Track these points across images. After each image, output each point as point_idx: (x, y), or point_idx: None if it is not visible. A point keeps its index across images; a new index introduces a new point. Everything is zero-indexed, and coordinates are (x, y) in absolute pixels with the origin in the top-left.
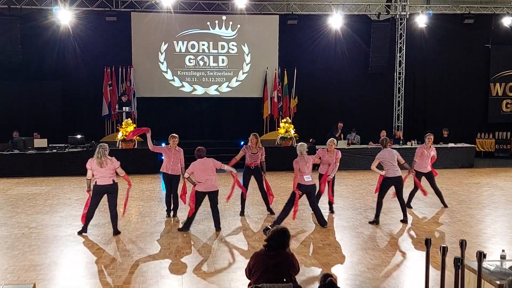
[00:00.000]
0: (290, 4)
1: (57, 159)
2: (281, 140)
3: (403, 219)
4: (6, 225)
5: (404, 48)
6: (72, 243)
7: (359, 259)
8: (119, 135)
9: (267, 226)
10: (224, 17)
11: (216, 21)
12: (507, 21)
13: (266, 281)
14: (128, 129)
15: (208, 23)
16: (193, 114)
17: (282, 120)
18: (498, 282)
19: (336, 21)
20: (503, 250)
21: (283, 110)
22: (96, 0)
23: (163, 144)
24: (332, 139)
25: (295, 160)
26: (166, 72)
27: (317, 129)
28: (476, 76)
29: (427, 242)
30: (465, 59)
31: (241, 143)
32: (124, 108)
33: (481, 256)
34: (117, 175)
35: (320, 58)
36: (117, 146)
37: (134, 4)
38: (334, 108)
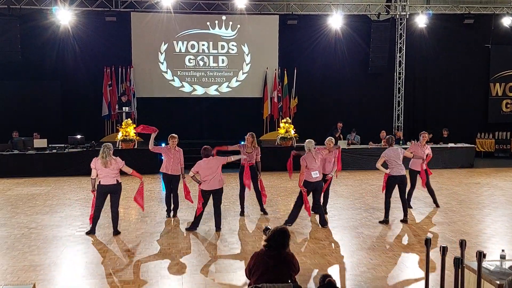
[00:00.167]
0: (290, 4)
1: (57, 159)
2: (281, 140)
3: (403, 219)
4: (6, 226)
5: (404, 48)
6: (72, 244)
7: (359, 259)
8: (119, 135)
9: (267, 226)
10: (224, 17)
11: (216, 21)
12: (507, 21)
13: (266, 281)
14: (128, 129)
15: (208, 23)
16: (193, 114)
17: (282, 120)
18: (498, 282)
19: (336, 21)
20: (503, 250)
21: (283, 110)
22: (96, 0)
23: (163, 144)
24: (330, 138)
25: (302, 157)
26: (166, 72)
27: (317, 129)
28: (476, 76)
29: (427, 242)
30: (465, 59)
31: (241, 143)
32: (124, 108)
33: (481, 256)
34: (121, 175)
35: (320, 58)
36: (117, 146)
37: (134, 4)
38: (334, 108)
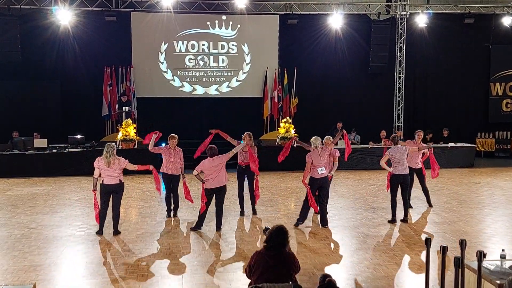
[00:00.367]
0: (290, 4)
1: (57, 159)
2: (281, 140)
3: (403, 219)
4: (6, 226)
5: (404, 48)
6: (72, 244)
7: (359, 259)
8: (119, 135)
9: (267, 226)
10: (224, 17)
11: (216, 21)
12: (507, 21)
13: (266, 281)
14: (128, 129)
15: (208, 23)
16: (193, 114)
17: (282, 120)
18: (498, 282)
19: (336, 21)
20: (503, 250)
21: (283, 110)
22: (96, 0)
23: (163, 144)
24: (328, 136)
25: (308, 154)
26: (166, 72)
27: (317, 129)
28: (476, 76)
29: (427, 242)
30: (465, 59)
31: (242, 143)
32: (124, 108)
33: (481, 256)
34: (124, 175)
35: (320, 58)
36: (117, 146)
37: (134, 4)
38: (334, 108)
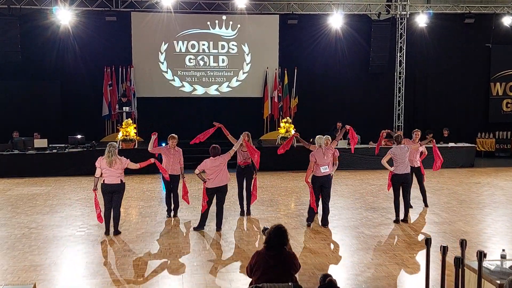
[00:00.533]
0: (290, 4)
1: (57, 159)
2: (282, 140)
3: (404, 219)
4: (6, 226)
5: (405, 48)
6: (72, 244)
7: (360, 259)
8: (119, 135)
9: (265, 227)
10: (224, 17)
11: (216, 21)
12: (508, 21)
13: (267, 280)
14: (128, 129)
15: (208, 23)
16: (193, 114)
17: (283, 120)
18: (499, 282)
19: (336, 21)
20: (503, 250)
21: (284, 110)
22: (96, 0)
23: (163, 144)
24: (327, 136)
25: (312, 153)
26: (166, 72)
27: (318, 129)
28: (477, 76)
29: (427, 242)
30: (466, 59)
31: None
32: (124, 108)
33: (482, 256)
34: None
35: (321, 58)
36: (118, 146)
37: (134, 4)
38: (334, 108)
